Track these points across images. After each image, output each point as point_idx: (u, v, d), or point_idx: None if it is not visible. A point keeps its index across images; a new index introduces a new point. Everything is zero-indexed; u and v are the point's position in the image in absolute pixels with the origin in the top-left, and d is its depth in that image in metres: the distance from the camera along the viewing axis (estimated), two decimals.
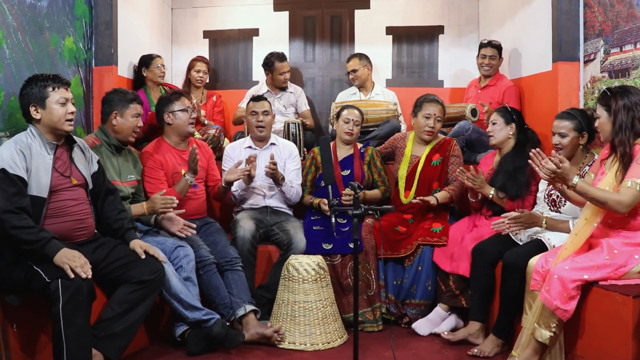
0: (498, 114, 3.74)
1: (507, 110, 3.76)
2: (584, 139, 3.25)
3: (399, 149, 4.18)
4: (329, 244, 3.76)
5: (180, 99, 3.71)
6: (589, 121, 3.24)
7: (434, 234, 3.76)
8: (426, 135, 3.93)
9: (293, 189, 3.99)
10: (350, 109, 4.12)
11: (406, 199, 4.00)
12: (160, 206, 3.29)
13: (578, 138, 3.26)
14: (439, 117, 3.94)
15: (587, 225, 2.86)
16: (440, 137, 4.09)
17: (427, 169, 3.98)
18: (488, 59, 4.72)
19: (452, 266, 3.61)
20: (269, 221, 3.95)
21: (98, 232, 3.06)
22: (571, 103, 3.92)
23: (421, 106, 3.96)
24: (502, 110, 3.77)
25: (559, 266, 2.77)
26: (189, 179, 3.55)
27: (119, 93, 3.40)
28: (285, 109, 5.17)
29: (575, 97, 3.98)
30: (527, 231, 3.44)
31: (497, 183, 3.64)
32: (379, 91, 5.20)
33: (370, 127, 4.72)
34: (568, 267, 2.74)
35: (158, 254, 3.03)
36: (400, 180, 4.05)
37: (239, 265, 3.58)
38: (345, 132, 4.07)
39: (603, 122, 2.87)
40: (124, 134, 3.39)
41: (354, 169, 4.07)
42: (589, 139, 3.27)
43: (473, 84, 5.03)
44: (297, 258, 3.54)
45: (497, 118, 3.75)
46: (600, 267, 2.72)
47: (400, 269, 3.80)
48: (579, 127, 3.25)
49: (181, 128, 3.69)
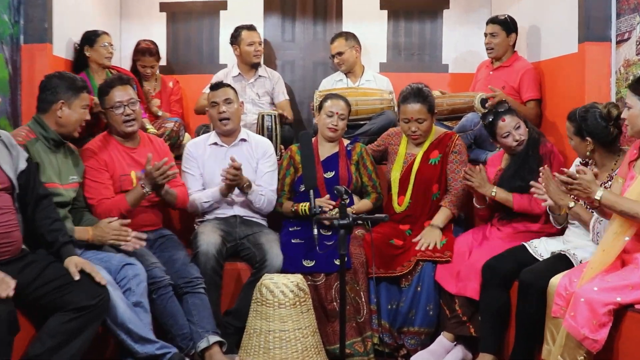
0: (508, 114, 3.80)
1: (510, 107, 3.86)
2: (590, 146, 3.29)
3: (392, 146, 4.20)
4: (311, 261, 3.76)
5: (111, 91, 3.65)
6: (596, 126, 3.25)
7: (435, 248, 3.76)
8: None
9: (263, 197, 4.00)
10: (335, 99, 4.12)
11: (400, 206, 4.03)
12: (111, 237, 3.30)
13: (584, 144, 3.30)
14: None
15: (616, 240, 2.87)
16: (440, 131, 4.12)
17: (424, 169, 4.01)
18: (488, 37, 4.75)
19: (458, 287, 3.62)
20: (239, 233, 3.95)
21: (27, 247, 3.01)
22: (601, 92, 3.94)
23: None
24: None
25: (586, 287, 2.77)
26: (147, 189, 3.51)
27: (66, 79, 3.38)
28: (258, 97, 5.18)
29: (606, 85, 3.98)
30: (547, 243, 3.48)
31: (505, 184, 3.71)
32: (371, 77, 5.21)
33: (361, 121, 4.73)
34: (597, 287, 2.74)
35: (97, 274, 2.97)
36: (393, 184, 4.08)
37: (201, 287, 3.56)
38: (328, 128, 4.08)
39: (635, 113, 2.88)
40: (69, 128, 3.37)
41: (339, 170, 4.09)
42: (601, 144, 3.28)
43: (484, 65, 5.06)
44: (272, 278, 3.53)
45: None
46: (636, 287, 2.73)
47: (396, 290, 3.80)
48: (579, 132, 3.31)
49: (116, 126, 3.67)
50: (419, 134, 3.96)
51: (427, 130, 3.98)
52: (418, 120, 3.92)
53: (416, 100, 3.90)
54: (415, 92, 3.92)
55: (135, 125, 3.70)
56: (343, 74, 5.24)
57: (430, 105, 3.94)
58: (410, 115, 3.91)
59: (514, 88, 4.63)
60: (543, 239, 3.58)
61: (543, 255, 3.43)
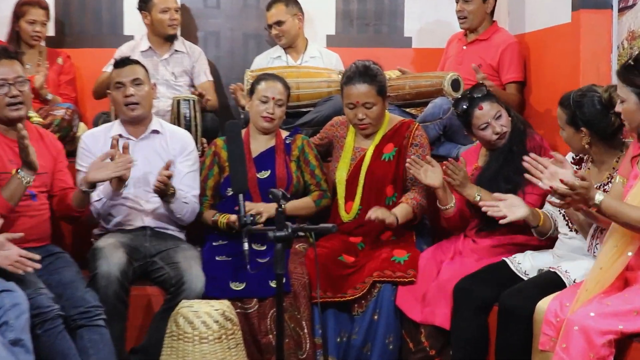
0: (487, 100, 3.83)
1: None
2: (586, 138, 3.32)
3: (337, 139, 4.23)
4: (240, 283, 3.77)
5: None
6: (594, 114, 3.29)
7: (396, 266, 3.77)
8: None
9: (187, 205, 3.99)
10: (271, 80, 4.13)
11: (348, 214, 4.05)
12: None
13: (578, 136, 3.33)
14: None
15: (616, 255, 2.89)
16: (395, 119, 4.15)
17: (376, 167, 4.03)
18: (460, 4, 4.81)
19: (425, 313, 3.64)
20: (149, 249, 3.93)
21: None
22: (599, 71, 3.97)
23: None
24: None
25: (581, 312, 2.78)
26: (25, 177, 3.46)
27: None
28: (175, 78, 5.18)
29: (606, 61, 4.01)
30: (534, 259, 3.53)
31: (485, 187, 3.73)
32: (316, 53, 5.22)
33: (304, 108, 4.75)
34: (594, 313, 2.76)
35: None
36: (339, 186, 4.11)
37: (101, 318, 3.52)
38: (262, 117, 4.07)
39: (631, 108, 2.91)
40: None
41: (275, 169, 4.09)
42: (600, 136, 3.32)
43: (455, 39, 5.11)
44: (191, 305, 3.51)
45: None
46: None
47: (347, 318, 3.82)
48: (573, 121, 3.34)
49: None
50: (367, 122, 3.96)
51: (377, 117, 3.99)
52: (365, 105, 3.92)
53: (362, 80, 3.92)
54: (361, 70, 3.94)
55: (22, 110, 3.66)
56: (282, 49, 5.24)
57: (381, 86, 3.95)
58: (356, 99, 3.91)
59: (492, 67, 4.68)
60: (528, 254, 3.60)
61: (528, 273, 3.45)
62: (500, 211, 3.38)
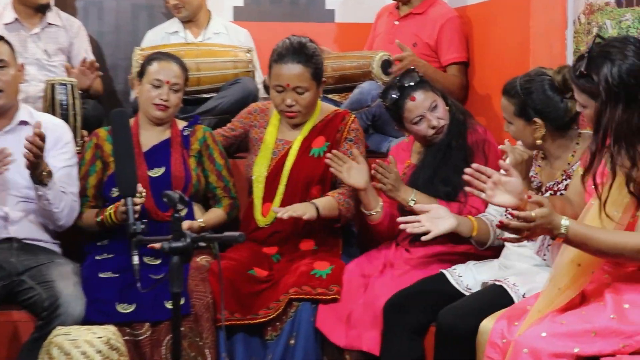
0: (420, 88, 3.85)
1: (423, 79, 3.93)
2: (541, 130, 3.36)
3: (255, 129, 4.25)
4: (129, 305, 3.75)
5: None
6: (546, 101, 3.34)
7: (317, 281, 3.79)
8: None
9: (65, 197, 3.97)
10: (165, 61, 4.13)
11: (265, 218, 4.06)
12: None
13: (530, 128, 3.37)
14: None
15: (579, 274, 2.90)
16: (328, 109, 4.19)
17: (303, 163, 4.06)
18: None
19: (350, 337, 3.65)
20: (16, 266, 3.88)
21: None
22: (552, 50, 4.07)
23: None
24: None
25: (531, 333, 2.81)
26: None
27: None
28: (48, 57, 5.17)
29: (560, 38, 4.10)
30: (477, 270, 3.56)
31: (421, 190, 3.76)
32: (221, 29, 5.30)
33: (205, 93, 4.82)
34: (546, 333, 2.77)
35: None
36: (255, 185, 4.11)
37: None
38: (155, 104, 4.06)
39: (590, 114, 2.91)
40: None
41: (171, 166, 4.09)
42: (556, 127, 3.37)
43: (386, 12, 5.16)
44: (68, 333, 3.44)
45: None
46: (602, 334, 2.76)
47: (259, 344, 3.84)
48: (522, 112, 3.38)
49: None
50: (297, 109, 3.99)
51: (309, 105, 4.03)
52: (297, 90, 3.95)
53: (296, 59, 3.96)
54: (296, 47, 3.98)
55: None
56: (179, 23, 5.27)
57: (317, 70, 4.01)
58: (286, 81, 3.94)
59: (430, 46, 4.75)
60: (471, 264, 3.64)
61: (471, 287, 3.49)
62: (422, 226, 3.41)
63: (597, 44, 2.83)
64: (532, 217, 2.70)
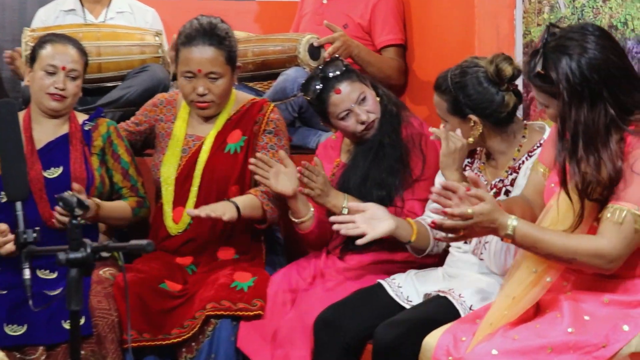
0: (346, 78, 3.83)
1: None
2: (478, 128, 3.35)
3: (162, 124, 4.19)
4: (20, 326, 3.63)
5: None
6: (481, 95, 3.31)
7: (237, 294, 3.73)
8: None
9: None
10: (61, 44, 3.99)
11: (176, 225, 4.00)
12: None
13: (467, 126, 3.35)
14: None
15: (534, 282, 2.86)
16: (244, 99, 4.19)
17: (218, 161, 4.04)
18: None
19: (276, 357, 3.62)
20: None
21: None
22: (499, 32, 4.08)
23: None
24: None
25: (481, 349, 2.76)
26: None
27: None
28: None
29: (508, 18, 4.12)
30: (418, 280, 3.49)
31: (353, 194, 3.71)
32: (125, 7, 5.23)
33: (108, 82, 4.75)
34: (497, 351, 2.72)
35: None
36: (165, 187, 4.07)
37: None
38: (49, 94, 3.91)
39: (553, 114, 2.87)
40: None
41: (70, 166, 3.96)
42: (494, 122, 3.34)
43: None
44: None
45: None
46: (559, 350, 2.71)
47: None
48: (456, 109, 3.37)
49: None
50: (209, 99, 3.93)
51: (223, 94, 3.98)
52: (209, 76, 3.89)
53: (207, 41, 3.91)
54: (206, 28, 3.92)
55: None
56: (77, 0, 5.12)
57: (231, 53, 3.98)
58: (197, 67, 3.87)
59: (362, 27, 4.69)
60: (412, 274, 3.57)
61: (412, 299, 3.43)
62: (357, 227, 3.35)
63: (551, 35, 2.79)
64: (469, 215, 2.68)
